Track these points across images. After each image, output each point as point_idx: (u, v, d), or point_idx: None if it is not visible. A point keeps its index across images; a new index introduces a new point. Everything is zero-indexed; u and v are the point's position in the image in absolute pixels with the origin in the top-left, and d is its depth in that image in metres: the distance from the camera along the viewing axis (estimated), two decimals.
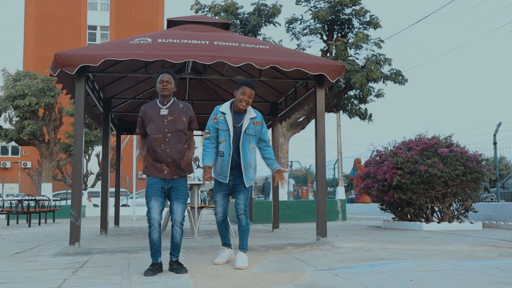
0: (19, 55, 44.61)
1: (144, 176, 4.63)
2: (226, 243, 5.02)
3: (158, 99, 4.57)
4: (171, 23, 7.77)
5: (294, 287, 3.64)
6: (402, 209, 9.91)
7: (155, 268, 4.34)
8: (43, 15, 45.68)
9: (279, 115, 9.60)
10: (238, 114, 4.79)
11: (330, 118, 72.88)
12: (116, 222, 11.15)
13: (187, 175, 4.60)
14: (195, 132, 5.01)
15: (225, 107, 4.84)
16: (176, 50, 6.25)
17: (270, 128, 9.85)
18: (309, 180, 30.14)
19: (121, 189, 31.00)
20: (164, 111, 4.46)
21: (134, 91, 9.66)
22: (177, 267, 4.44)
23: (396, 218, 10.45)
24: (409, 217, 10.13)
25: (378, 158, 10.45)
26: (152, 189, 4.39)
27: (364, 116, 16.82)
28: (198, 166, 35.39)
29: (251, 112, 4.83)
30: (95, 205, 25.33)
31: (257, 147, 4.92)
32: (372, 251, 5.78)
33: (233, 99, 4.85)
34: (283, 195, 15.13)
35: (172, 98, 4.57)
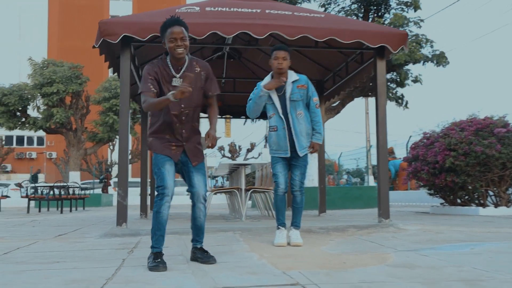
0: (43, 45, 44.79)
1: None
2: (284, 223, 4.58)
3: (168, 59, 3.50)
4: None
5: (388, 268, 3.18)
6: (455, 193, 9.35)
7: (163, 261, 3.26)
8: (66, 6, 45.76)
9: (324, 94, 9.10)
10: None
11: (360, 104, 71.32)
12: (152, 207, 10.83)
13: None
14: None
15: (266, 79, 4.55)
16: (227, 19, 5.83)
17: None
18: (335, 169, 29.62)
19: (132, 179, 30.69)
20: (177, 81, 3.45)
21: None
22: (202, 255, 3.52)
23: (445, 204, 9.90)
24: (459, 202, 9.57)
25: (425, 140, 9.90)
26: (164, 158, 3.43)
27: (401, 101, 16.22)
28: (223, 156, 34.71)
29: (293, 76, 4.49)
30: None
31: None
32: (444, 233, 5.29)
33: (272, 71, 4.56)
34: (313, 181, 14.56)
35: (186, 58, 3.52)
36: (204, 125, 4.67)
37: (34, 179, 24.31)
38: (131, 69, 6.65)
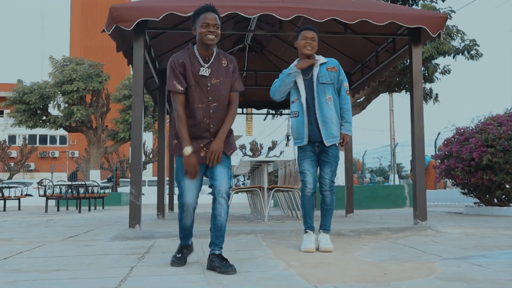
0: (66, 45, 45.00)
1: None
2: (312, 226, 4.10)
3: (196, 49, 3.26)
4: None
5: (440, 281, 2.68)
6: (492, 192, 8.72)
7: (183, 257, 3.34)
8: (88, 5, 45.89)
9: (352, 87, 8.55)
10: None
11: (384, 102, 69.94)
12: (170, 207, 10.48)
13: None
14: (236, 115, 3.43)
15: (292, 64, 4.13)
16: (248, 2, 5.36)
17: None
18: (358, 168, 28.94)
19: (146, 178, 30.17)
20: (205, 71, 3.21)
21: None
22: (221, 264, 3.07)
23: (480, 204, 9.27)
24: (495, 201, 8.94)
25: (459, 136, 9.29)
26: None
27: (429, 96, 15.52)
28: (244, 154, 34.23)
29: (321, 58, 4.09)
30: None
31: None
32: (491, 238, 4.74)
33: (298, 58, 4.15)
34: (337, 179, 13.99)
35: (214, 49, 3.30)
36: None
37: (73, 177, 24.32)
38: (146, 59, 6.23)
